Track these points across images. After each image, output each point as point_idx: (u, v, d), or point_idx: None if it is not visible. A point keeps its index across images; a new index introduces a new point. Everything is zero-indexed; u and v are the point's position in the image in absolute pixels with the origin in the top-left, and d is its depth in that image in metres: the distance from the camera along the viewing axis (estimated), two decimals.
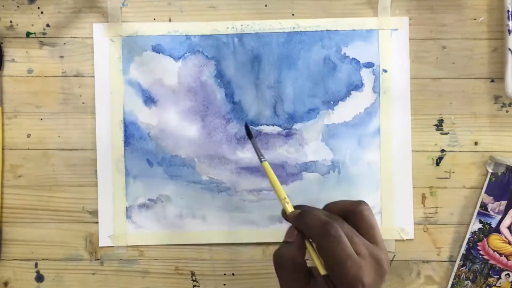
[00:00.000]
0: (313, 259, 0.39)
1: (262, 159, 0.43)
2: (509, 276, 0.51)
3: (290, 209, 0.42)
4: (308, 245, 0.40)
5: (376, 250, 0.38)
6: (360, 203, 0.40)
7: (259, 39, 0.51)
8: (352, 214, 0.40)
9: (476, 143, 0.51)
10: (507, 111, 0.51)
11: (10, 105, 0.52)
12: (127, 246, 0.52)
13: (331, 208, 0.42)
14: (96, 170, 0.51)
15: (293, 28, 0.51)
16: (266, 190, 0.51)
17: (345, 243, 0.37)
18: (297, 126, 0.51)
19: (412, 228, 0.51)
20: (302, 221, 0.40)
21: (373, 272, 0.37)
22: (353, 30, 0.51)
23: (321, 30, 0.51)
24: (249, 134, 0.45)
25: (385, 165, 0.51)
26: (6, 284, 0.52)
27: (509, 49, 0.49)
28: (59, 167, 0.52)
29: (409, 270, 0.52)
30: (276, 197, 0.51)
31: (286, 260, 0.39)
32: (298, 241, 0.40)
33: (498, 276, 0.51)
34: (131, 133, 0.51)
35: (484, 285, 0.51)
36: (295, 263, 0.39)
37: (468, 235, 0.51)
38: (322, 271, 0.38)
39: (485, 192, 0.51)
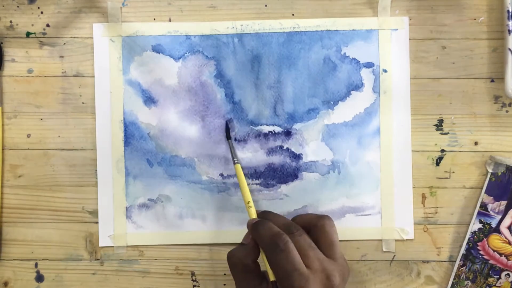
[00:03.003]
0: (265, 265, 0.42)
1: (236, 161, 0.49)
2: (509, 276, 0.51)
3: (253, 215, 0.45)
4: (262, 251, 0.42)
5: (330, 265, 0.40)
6: (323, 217, 0.42)
7: (259, 39, 0.51)
8: (313, 227, 0.41)
9: (476, 143, 0.51)
10: (507, 111, 0.51)
11: (10, 105, 0.52)
12: (127, 246, 0.52)
13: (296, 219, 0.44)
14: (96, 170, 0.51)
15: (293, 28, 0.51)
16: (266, 190, 0.51)
17: (293, 256, 0.38)
18: (297, 126, 0.51)
19: (412, 228, 0.51)
20: (256, 230, 0.42)
21: (321, 286, 0.38)
22: (353, 30, 0.51)
23: (321, 30, 0.51)
24: (227, 134, 0.50)
25: (385, 165, 0.51)
26: (6, 284, 0.52)
27: (509, 49, 0.49)
28: (59, 167, 0.52)
29: (409, 270, 0.52)
30: (274, 197, 0.51)
31: (237, 260, 0.41)
32: (251, 246, 0.42)
33: (498, 276, 0.51)
34: (131, 133, 0.51)
35: (484, 285, 0.51)
36: (245, 264, 0.41)
37: (468, 235, 0.51)
38: (271, 277, 0.40)
39: (485, 192, 0.51)
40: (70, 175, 0.52)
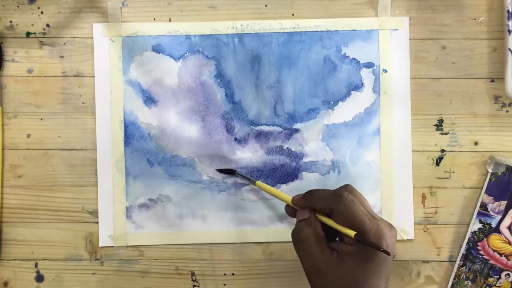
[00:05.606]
0: (335, 227, 0.41)
1: (253, 180, 0.50)
2: (509, 276, 0.51)
3: (289, 198, 0.45)
4: (322, 217, 0.42)
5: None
6: (346, 186, 0.43)
7: (259, 39, 0.51)
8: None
9: (476, 143, 0.51)
10: (507, 111, 0.51)
11: (10, 105, 0.52)
12: (127, 246, 0.52)
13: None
14: (96, 170, 0.51)
15: (293, 28, 0.51)
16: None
17: (359, 204, 0.40)
18: (297, 126, 0.51)
19: (412, 228, 0.51)
20: (311, 197, 0.42)
21: (389, 230, 0.39)
22: (353, 30, 0.51)
23: (321, 30, 0.51)
24: (229, 172, 0.51)
25: (385, 165, 0.51)
26: (6, 284, 0.52)
27: (509, 49, 0.49)
28: (59, 167, 0.52)
29: (409, 270, 0.52)
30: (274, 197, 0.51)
31: (308, 234, 0.41)
32: (313, 216, 0.42)
33: (498, 276, 0.51)
34: (131, 133, 0.51)
35: (484, 285, 0.51)
36: (317, 235, 0.41)
37: (468, 235, 0.51)
38: (352, 232, 0.39)
39: (485, 192, 0.51)
40: (70, 175, 0.52)
